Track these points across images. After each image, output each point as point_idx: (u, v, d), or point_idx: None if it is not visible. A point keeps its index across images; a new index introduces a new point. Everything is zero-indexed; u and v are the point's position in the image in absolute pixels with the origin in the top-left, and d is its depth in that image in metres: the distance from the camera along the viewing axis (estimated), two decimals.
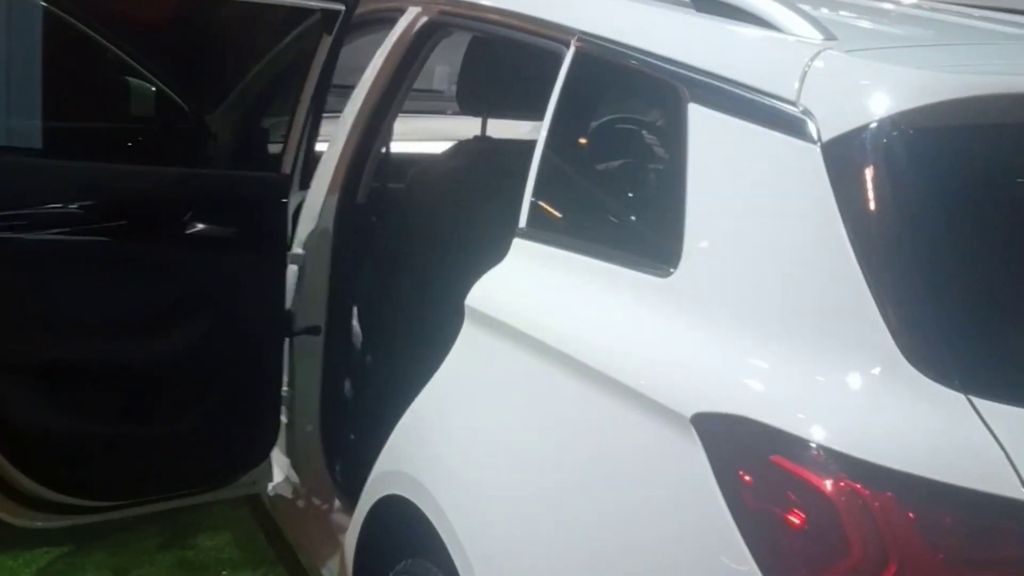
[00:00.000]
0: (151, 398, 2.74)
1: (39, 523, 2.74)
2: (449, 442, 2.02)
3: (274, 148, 4.09)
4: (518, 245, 2.07)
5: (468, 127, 3.38)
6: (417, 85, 3.10)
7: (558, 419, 1.78)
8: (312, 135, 2.92)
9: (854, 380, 1.47)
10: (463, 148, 3.19)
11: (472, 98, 3.09)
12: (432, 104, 4.68)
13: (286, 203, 2.86)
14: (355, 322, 3.33)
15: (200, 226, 2.71)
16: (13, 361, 2.54)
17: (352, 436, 3.23)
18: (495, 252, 2.45)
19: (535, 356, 1.84)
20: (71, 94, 3.55)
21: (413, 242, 3.12)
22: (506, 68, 3.03)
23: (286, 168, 2.87)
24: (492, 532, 1.85)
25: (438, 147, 3.50)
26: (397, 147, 3.23)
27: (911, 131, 1.56)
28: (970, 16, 2.25)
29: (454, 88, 4.55)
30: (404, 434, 2.18)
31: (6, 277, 2.52)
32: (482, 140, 3.17)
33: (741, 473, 1.47)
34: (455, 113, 4.39)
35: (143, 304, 2.69)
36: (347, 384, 3.26)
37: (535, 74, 3.01)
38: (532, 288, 1.98)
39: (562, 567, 1.71)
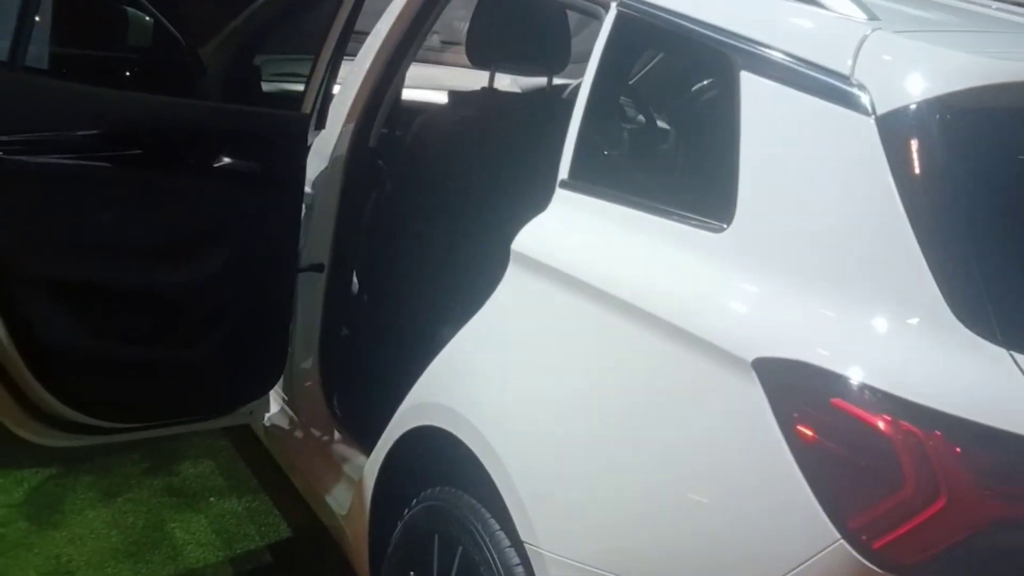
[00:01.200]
0: (170, 323, 2.80)
1: (54, 441, 2.80)
2: (498, 379, 2.13)
3: (267, 86, 4.16)
4: (562, 196, 2.18)
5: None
6: (449, 38, 3.18)
7: (616, 362, 1.91)
8: (332, 77, 2.99)
9: (905, 330, 1.62)
10: (470, 99, 3.28)
11: (481, 50, 3.18)
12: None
13: (306, 141, 2.94)
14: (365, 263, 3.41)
15: (225, 159, 2.77)
16: (41, 282, 2.59)
17: (348, 373, 3.33)
18: (505, 202, 2.56)
19: (590, 301, 1.96)
20: (74, 21, 3.57)
21: (417, 189, 3.21)
22: (516, 22, 3.13)
23: (307, 107, 2.93)
24: (542, 467, 1.97)
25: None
26: (419, 95, 3.32)
27: (958, 108, 1.72)
28: (989, 7, 2.42)
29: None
30: (444, 370, 2.29)
31: (35, 198, 2.55)
32: (489, 92, 3.26)
33: (802, 414, 1.61)
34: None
35: (166, 231, 2.75)
36: (350, 323, 3.35)
37: (545, 29, 3.13)
38: (584, 237, 2.09)
39: (620, 506, 1.83)
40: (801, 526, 1.59)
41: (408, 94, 3.57)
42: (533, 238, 2.16)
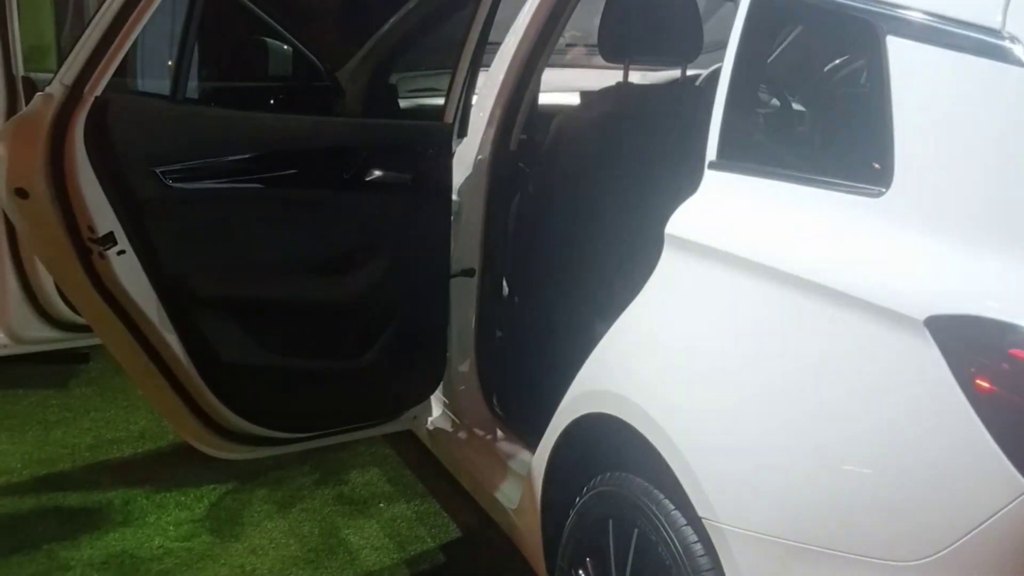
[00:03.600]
0: (336, 335, 2.92)
1: (233, 455, 2.93)
2: (663, 362, 2.17)
3: (404, 103, 4.28)
4: (712, 176, 2.20)
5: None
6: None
7: (785, 337, 1.92)
8: (471, 86, 3.07)
9: None
10: (605, 95, 3.32)
11: (614, 46, 3.21)
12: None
13: (450, 150, 3.02)
14: (513, 265, 3.49)
15: (377, 172, 2.88)
16: (215, 301, 2.73)
17: (504, 372, 3.40)
18: (650, 191, 2.59)
19: (752, 278, 1.98)
20: (217, 55, 3.74)
21: (559, 190, 3.27)
22: (647, 14, 3.16)
23: (448, 117, 3.02)
24: (714, 441, 1.99)
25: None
26: (551, 98, 3.39)
27: None
28: None
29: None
30: (607, 358, 2.33)
31: (213, 221, 2.70)
32: (625, 86, 3.30)
33: (980, 368, 1.61)
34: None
35: (328, 246, 2.87)
36: (503, 323, 3.42)
37: (676, 20, 3.15)
38: (739, 214, 2.11)
39: (801, 476, 1.84)
40: (988, 478, 1.58)
41: (542, 98, 3.64)
42: (687, 220, 2.19)
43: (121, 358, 2.71)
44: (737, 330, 2.02)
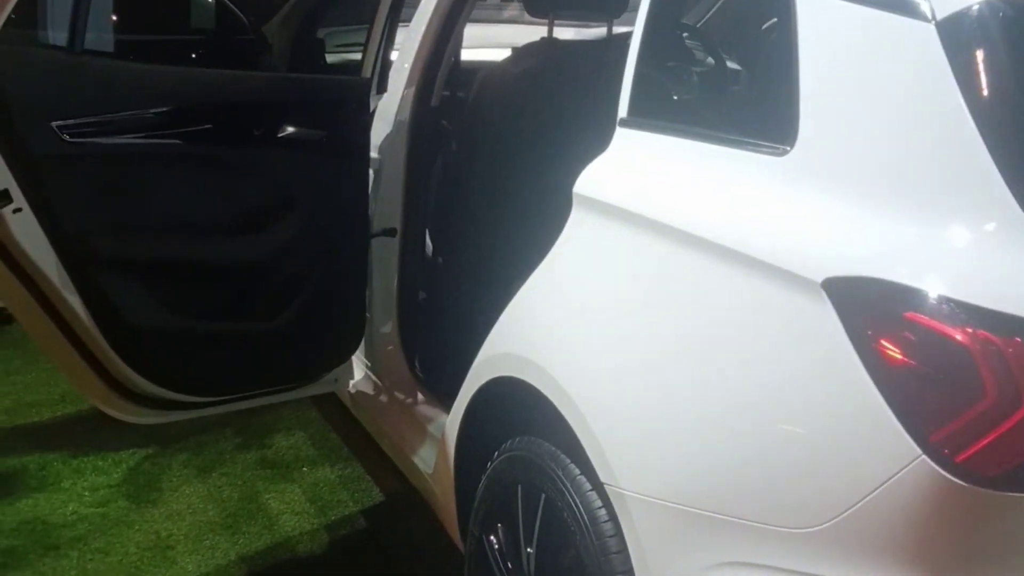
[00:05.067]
0: (249, 296, 2.84)
1: (142, 419, 2.86)
2: (568, 324, 2.12)
3: (331, 58, 4.18)
4: (622, 134, 2.15)
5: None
6: None
7: (686, 297, 1.87)
8: (389, 40, 2.98)
9: (977, 237, 1.57)
10: (530, 50, 3.25)
11: (539, 1, 3.15)
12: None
13: (368, 106, 2.94)
14: (435, 224, 3.42)
15: (290, 129, 2.79)
16: (119, 261, 2.64)
17: (427, 334, 3.34)
18: (571, 149, 2.53)
19: (656, 237, 1.93)
20: (137, 7, 3.62)
21: (483, 145, 3.20)
22: None
23: (366, 72, 2.94)
24: (616, 405, 1.95)
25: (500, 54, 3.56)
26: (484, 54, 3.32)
27: (1020, 4, 1.65)
28: None
29: None
30: (514, 319, 2.28)
31: (115, 179, 2.60)
32: (550, 42, 3.23)
33: (875, 331, 1.57)
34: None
35: (238, 204, 2.78)
36: (425, 284, 3.36)
37: None
38: (645, 173, 2.06)
39: (698, 438, 1.80)
40: (881, 444, 1.54)
41: (472, 55, 3.57)
42: (593, 178, 2.13)
43: (22, 319, 2.63)
44: (637, 292, 1.97)
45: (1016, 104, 1.61)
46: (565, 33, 3.95)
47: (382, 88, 3.06)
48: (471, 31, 3.35)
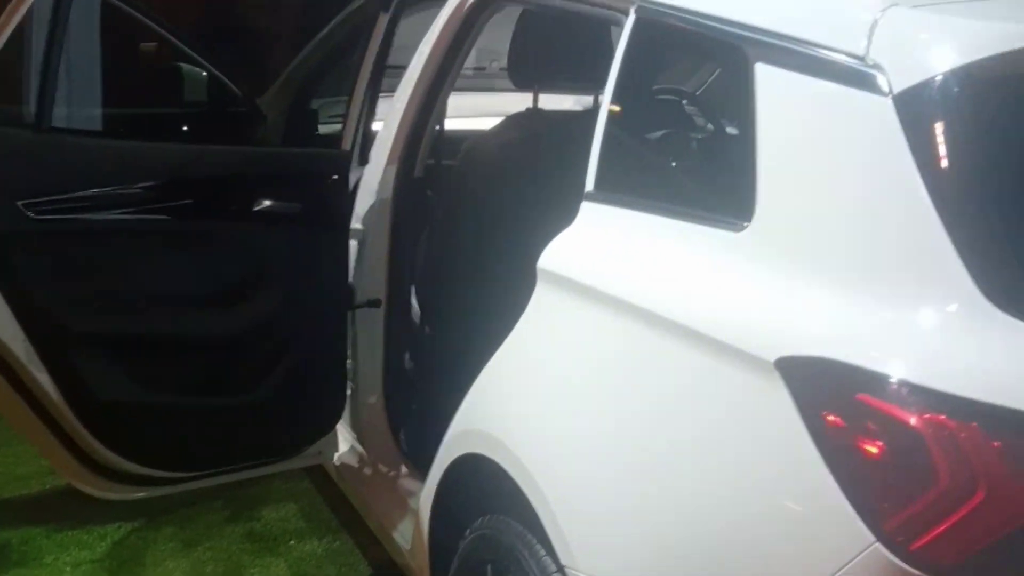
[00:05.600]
0: (223, 371, 2.82)
1: (116, 495, 2.83)
2: (530, 401, 2.08)
3: (324, 128, 4.20)
4: (587, 208, 2.12)
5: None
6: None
7: (642, 376, 1.84)
8: (370, 112, 2.99)
9: (933, 318, 1.53)
10: (516, 121, 3.24)
11: (524, 72, 3.14)
12: (477, 82, 4.73)
13: (347, 179, 2.93)
14: (412, 296, 3.40)
15: (266, 202, 2.79)
16: (93, 336, 2.63)
17: (414, 406, 3.30)
18: (552, 220, 2.50)
19: (614, 314, 1.90)
20: (126, 80, 3.65)
21: (467, 215, 3.18)
22: (557, 40, 3.08)
23: (346, 144, 2.93)
24: (576, 486, 1.91)
25: (487, 123, 3.55)
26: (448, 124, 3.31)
27: (979, 79, 1.62)
28: None
29: (494, 64, 4.61)
30: (481, 395, 2.24)
31: (84, 255, 2.60)
32: (535, 113, 3.22)
33: (828, 413, 1.52)
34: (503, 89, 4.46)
35: (213, 279, 2.77)
36: (407, 356, 3.33)
37: (587, 45, 3.07)
38: (605, 248, 2.03)
39: (653, 521, 1.76)
40: (835, 530, 1.50)
41: (463, 123, 3.58)
42: (557, 253, 2.11)
43: None
44: (595, 370, 1.94)
45: (973, 182, 1.58)
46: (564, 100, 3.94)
47: (364, 160, 3.05)
48: (459, 100, 3.35)
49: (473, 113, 3.99)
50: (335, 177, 2.88)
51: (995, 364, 1.47)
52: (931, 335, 1.52)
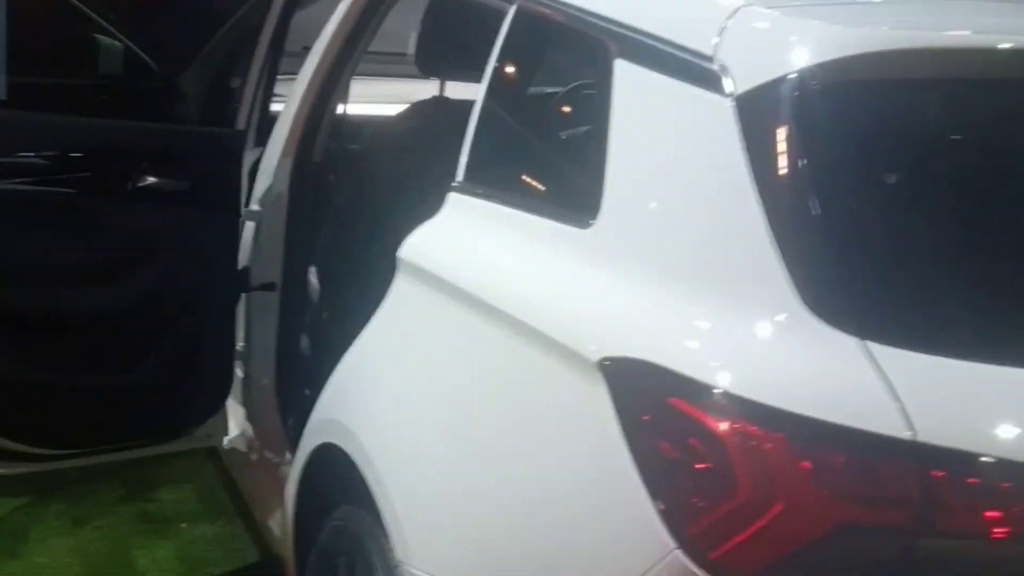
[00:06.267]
0: (104, 347, 2.77)
1: None
2: (379, 392, 2.06)
3: None
4: (452, 199, 2.10)
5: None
6: (394, 49, 3.12)
7: (479, 368, 1.81)
8: (267, 92, 2.94)
9: (754, 327, 1.51)
10: (420, 109, 3.20)
11: (430, 59, 3.10)
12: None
13: (241, 158, 2.89)
14: (314, 279, 3.36)
15: (152, 179, 2.74)
16: None
17: (307, 392, 3.26)
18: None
19: (460, 306, 1.87)
20: (38, 50, 3.58)
21: (368, 200, 3.14)
22: (464, 29, 3.04)
23: (240, 124, 2.89)
24: (413, 482, 1.88)
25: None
26: (365, 109, 3.27)
27: (821, 85, 1.59)
28: None
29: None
30: (338, 384, 2.22)
31: None
32: (440, 101, 3.18)
33: (642, 416, 1.50)
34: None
35: (96, 254, 2.72)
36: (304, 340, 3.28)
37: (493, 35, 3.04)
38: (461, 240, 2.01)
39: (478, 517, 1.73)
40: (642, 535, 1.47)
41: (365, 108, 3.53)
42: (415, 243, 2.08)
43: None
44: (439, 363, 1.92)
45: (802, 192, 1.55)
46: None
47: (261, 141, 3.01)
48: (365, 85, 3.31)
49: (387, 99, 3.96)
50: (226, 156, 2.83)
51: (809, 374, 1.44)
52: (750, 344, 1.50)
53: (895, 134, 1.63)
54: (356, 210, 3.19)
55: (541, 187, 2.02)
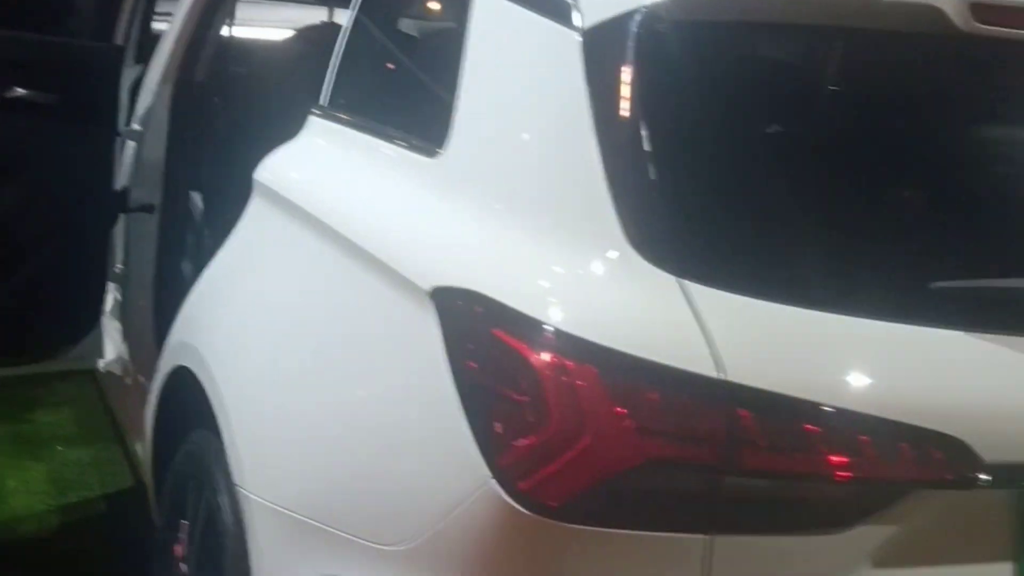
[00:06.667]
0: None
1: None
2: (225, 314, 2.04)
3: None
4: (312, 122, 2.07)
5: None
6: None
7: (317, 292, 1.80)
8: (149, 8, 2.86)
9: (580, 262, 1.50)
10: (308, 34, 3.16)
11: None
12: None
13: (117, 74, 2.81)
14: (198, 202, 3.30)
15: (20, 91, 2.66)
16: None
17: None
18: None
19: (305, 230, 1.85)
20: None
21: (253, 124, 3.09)
22: None
23: (119, 39, 2.81)
24: (252, 404, 1.87)
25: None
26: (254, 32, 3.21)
27: (668, 24, 1.58)
28: None
29: None
30: (191, 306, 2.19)
31: None
32: (328, 26, 3.14)
33: (467, 345, 1.50)
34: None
35: None
36: (183, 263, 3.24)
37: None
38: (314, 164, 1.99)
39: (309, 441, 1.73)
40: (461, 465, 1.47)
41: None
42: (271, 166, 2.05)
43: None
44: (282, 286, 1.90)
45: (637, 131, 1.54)
46: None
47: (141, 58, 2.94)
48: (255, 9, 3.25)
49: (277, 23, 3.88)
50: (100, 72, 2.75)
51: (627, 312, 1.45)
52: (574, 278, 1.50)
53: (735, 77, 1.63)
54: (240, 133, 3.14)
55: (396, 116, 1.99)
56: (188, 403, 2.23)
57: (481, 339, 1.49)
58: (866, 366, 1.44)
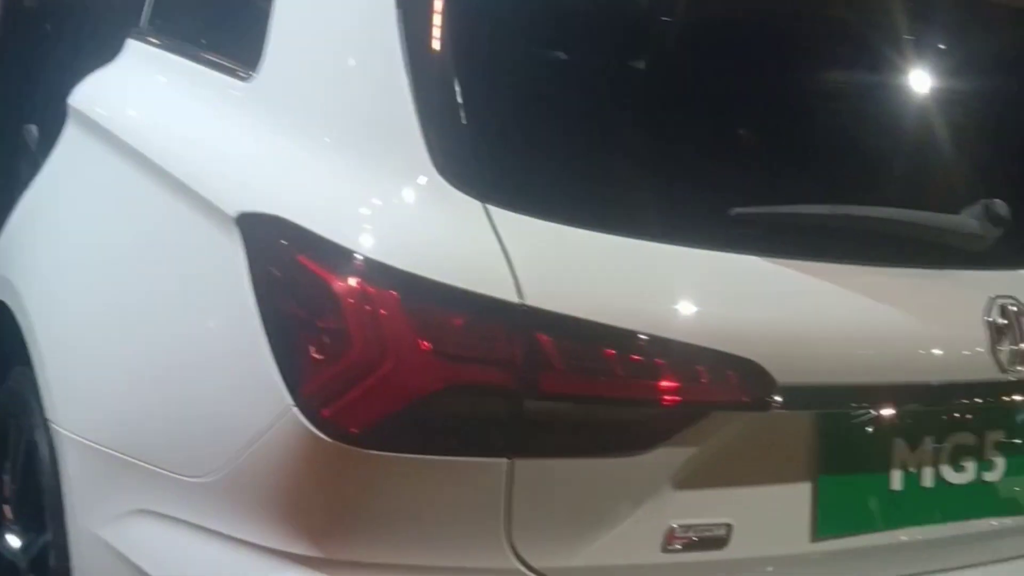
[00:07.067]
0: None
1: None
2: (39, 246, 1.97)
3: None
4: (130, 46, 2.00)
5: None
6: None
7: (128, 221, 1.75)
8: None
9: (388, 188, 1.49)
10: None
11: None
12: None
13: None
14: (33, 131, 3.18)
15: None
16: None
17: None
18: None
19: (118, 156, 1.80)
20: None
21: (87, 49, 2.98)
22: None
23: None
24: (64, 337, 1.82)
25: None
26: None
27: None
28: None
29: None
30: (7, 237, 2.11)
31: None
32: None
33: (271, 271, 1.47)
34: None
35: None
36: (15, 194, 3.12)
37: None
38: (129, 88, 1.92)
39: (117, 372, 1.69)
40: (264, 394, 1.44)
41: None
42: (85, 90, 1.98)
43: None
44: (92, 213, 1.85)
45: (445, 55, 1.52)
46: None
47: None
48: None
49: None
50: None
51: (430, 237, 1.44)
52: (381, 204, 1.48)
53: (541, 5, 1.62)
54: (69, 59, 3.02)
55: (211, 39, 1.93)
56: (7, 339, 2.17)
57: (285, 265, 1.47)
58: (665, 291, 1.46)
